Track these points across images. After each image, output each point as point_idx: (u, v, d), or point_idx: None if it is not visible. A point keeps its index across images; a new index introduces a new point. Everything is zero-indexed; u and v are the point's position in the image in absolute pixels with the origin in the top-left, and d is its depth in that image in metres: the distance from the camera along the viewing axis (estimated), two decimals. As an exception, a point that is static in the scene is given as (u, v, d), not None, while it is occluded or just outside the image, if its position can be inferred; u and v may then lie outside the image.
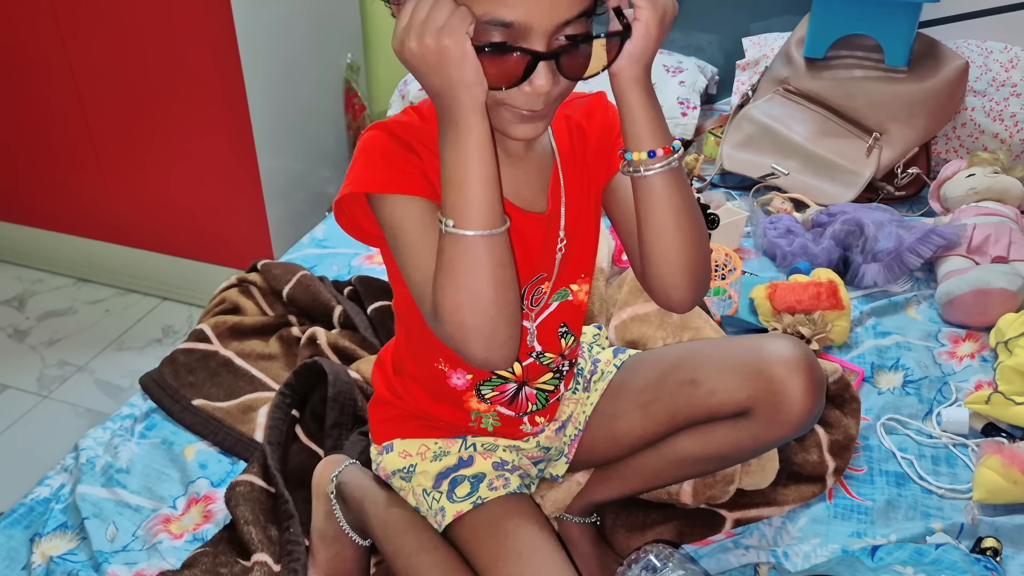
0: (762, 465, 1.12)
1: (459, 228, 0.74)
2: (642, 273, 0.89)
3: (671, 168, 0.81)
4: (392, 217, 0.81)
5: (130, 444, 1.23)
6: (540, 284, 0.93)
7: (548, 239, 0.91)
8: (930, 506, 1.16)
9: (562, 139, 0.92)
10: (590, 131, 0.93)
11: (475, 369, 0.94)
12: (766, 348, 0.93)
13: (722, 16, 2.22)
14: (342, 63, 2.36)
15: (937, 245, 1.56)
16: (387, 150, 0.82)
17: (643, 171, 0.80)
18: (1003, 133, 1.85)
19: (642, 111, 0.79)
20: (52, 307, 2.34)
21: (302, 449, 1.21)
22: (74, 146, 2.21)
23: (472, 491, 0.95)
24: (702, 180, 1.94)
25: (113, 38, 2.00)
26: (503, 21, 0.71)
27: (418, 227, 0.80)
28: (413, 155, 0.82)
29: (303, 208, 2.30)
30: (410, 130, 0.84)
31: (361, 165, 0.82)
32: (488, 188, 0.74)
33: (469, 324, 0.76)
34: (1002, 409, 1.24)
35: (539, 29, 0.72)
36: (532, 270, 0.91)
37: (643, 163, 0.80)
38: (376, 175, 0.81)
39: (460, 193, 0.74)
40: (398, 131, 0.83)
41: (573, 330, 0.99)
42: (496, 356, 0.78)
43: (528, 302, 0.93)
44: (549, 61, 0.73)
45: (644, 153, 0.79)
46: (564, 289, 0.96)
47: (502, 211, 0.76)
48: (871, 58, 1.90)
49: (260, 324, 1.42)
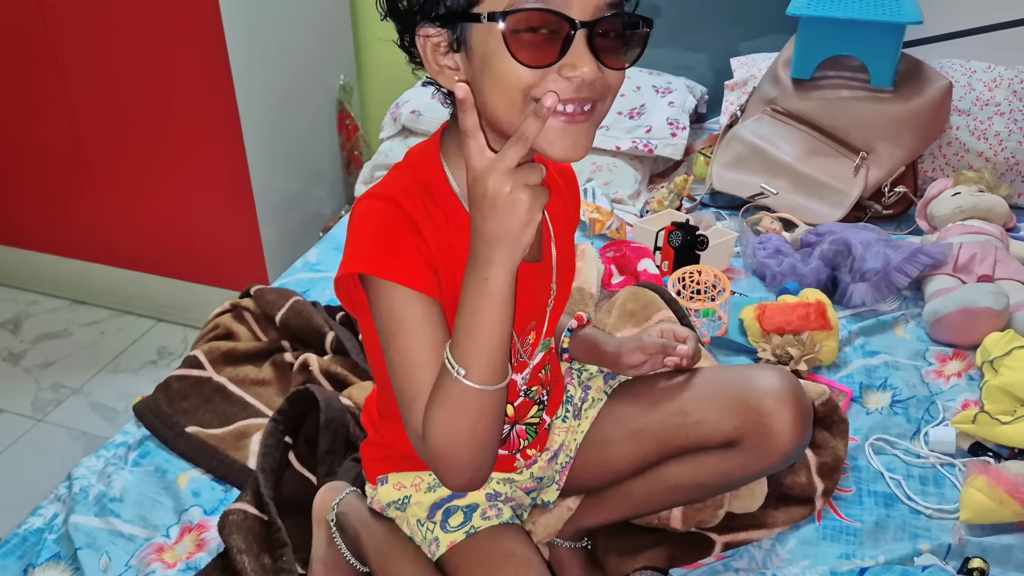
0: (751, 489, 1.13)
1: (468, 380, 0.74)
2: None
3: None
4: (390, 310, 0.78)
5: (123, 472, 1.23)
6: (529, 334, 0.94)
7: (540, 288, 0.92)
8: (918, 526, 1.17)
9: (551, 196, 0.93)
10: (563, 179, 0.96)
11: None
12: (754, 379, 0.95)
13: (711, 36, 2.25)
14: (335, 85, 2.38)
15: (924, 264, 1.58)
16: (392, 228, 0.78)
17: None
18: (988, 152, 1.87)
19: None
20: (47, 329, 2.35)
21: (295, 476, 1.22)
22: (69, 168, 2.23)
23: (465, 521, 0.96)
24: (692, 200, 1.96)
25: (107, 61, 2.02)
26: (539, 8, 0.70)
27: (417, 335, 0.77)
28: (418, 236, 0.79)
29: (297, 228, 2.31)
30: (411, 195, 0.80)
31: (364, 243, 0.79)
32: (501, 348, 0.74)
33: (457, 459, 0.78)
34: (988, 429, 1.25)
35: (578, 6, 0.70)
36: (525, 319, 0.91)
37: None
38: (379, 257, 0.78)
39: (475, 347, 0.74)
40: (401, 199, 0.79)
41: (552, 369, 1.01)
42: (475, 483, 0.81)
43: (519, 352, 0.93)
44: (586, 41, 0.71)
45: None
46: (548, 339, 0.98)
47: (508, 365, 0.77)
48: (857, 78, 1.92)
49: (253, 350, 1.43)
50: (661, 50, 2.28)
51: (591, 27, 0.72)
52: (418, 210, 0.80)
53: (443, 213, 0.82)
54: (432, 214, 0.81)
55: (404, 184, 0.82)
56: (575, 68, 0.72)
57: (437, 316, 0.79)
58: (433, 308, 0.79)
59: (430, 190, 0.82)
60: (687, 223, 1.65)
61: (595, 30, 0.72)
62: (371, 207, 0.80)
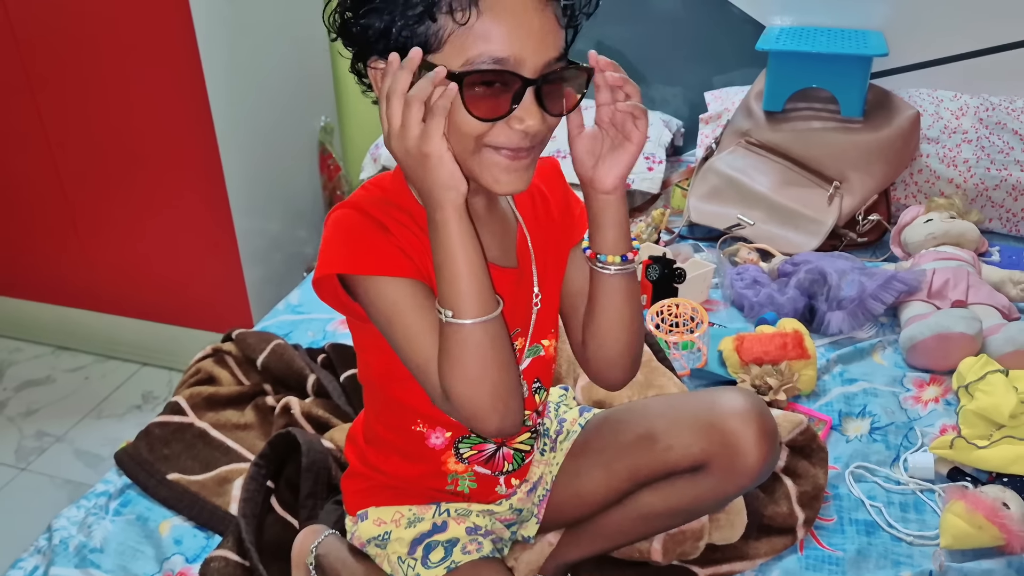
0: (731, 519, 1.14)
1: (457, 318, 0.78)
2: (583, 350, 0.95)
3: (633, 269, 0.89)
4: (380, 300, 0.83)
5: (104, 522, 1.23)
6: (515, 340, 0.95)
7: (521, 295, 0.94)
8: (900, 554, 1.17)
9: (523, 202, 0.95)
10: (551, 196, 0.97)
11: (454, 426, 0.97)
12: (718, 402, 0.97)
13: (686, 70, 2.29)
14: (316, 126, 2.41)
15: (898, 291, 1.60)
16: (363, 229, 0.83)
17: (612, 271, 0.88)
18: (957, 178, 1.91)
19: (620, 220, 0.87)
20: (30, 376, 2.34)
21: (277, 520, 1.22)
22: (51, 214, 2.23)
23: (446, 556, 0.96)
24: (670, 232, 1.98)
25: (88, 106, 2.04)
26: (496, 57, 0.75)
27: (412, 310, 0.82)
28: (386, 232, 0.84)
29: (281, 269, 2.32)
30: (377, 205, 0.86)
31: (339, 245, 0.83)
32: (475, 279, 0.78)
33: (480, 404, 0.80)
34: (965, 453, 1.27)
35: (529, 65, 0.76)
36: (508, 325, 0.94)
37: (614, 264, 0.88)
38: (357, 256, 0.83)
39: (452, 286, 0.78)
40: (368, 208, 0.85)
41: (545, 384, 1.02)
42: (507, 425, 0.83)
43: None
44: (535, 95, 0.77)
45: (618, 257, 0.87)
46: (536, 345, 0.99)
47: (493, 297, 0.80)
48: (828, 109, 1.97)
49: (235, 394, 1.43)
50: (637, 84, 2.32)
51: (539, 83, 0.77)
52: (383, 215, 0.85)
53: (410, 217, 0.87)
54: (398, 218, 0.86)
55: (370, 197, 0.88)
56: (523, 121, 0.77)
57: (425, 291, 0.83)
58: (419, 286, 0.83)
59: (398, 204, 0.87)
60: (664, 257, 1.67)
61: (542, 86, 0.77)
62: (340, 216, 0.85)
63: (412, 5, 0.75)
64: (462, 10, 0.73)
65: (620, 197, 0.86)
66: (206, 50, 1.90)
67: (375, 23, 0.77)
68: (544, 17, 0.76)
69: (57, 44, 1.98)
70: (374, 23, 0.77)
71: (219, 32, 1.94)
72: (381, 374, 0.94)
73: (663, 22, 2.24)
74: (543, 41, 0.76)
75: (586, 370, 0.97)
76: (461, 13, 0.73)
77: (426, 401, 0.91)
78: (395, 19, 0.76)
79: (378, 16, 0.77)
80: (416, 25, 0.75)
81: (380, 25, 0.77)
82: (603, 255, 0.87)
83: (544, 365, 1.00)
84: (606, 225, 0.87)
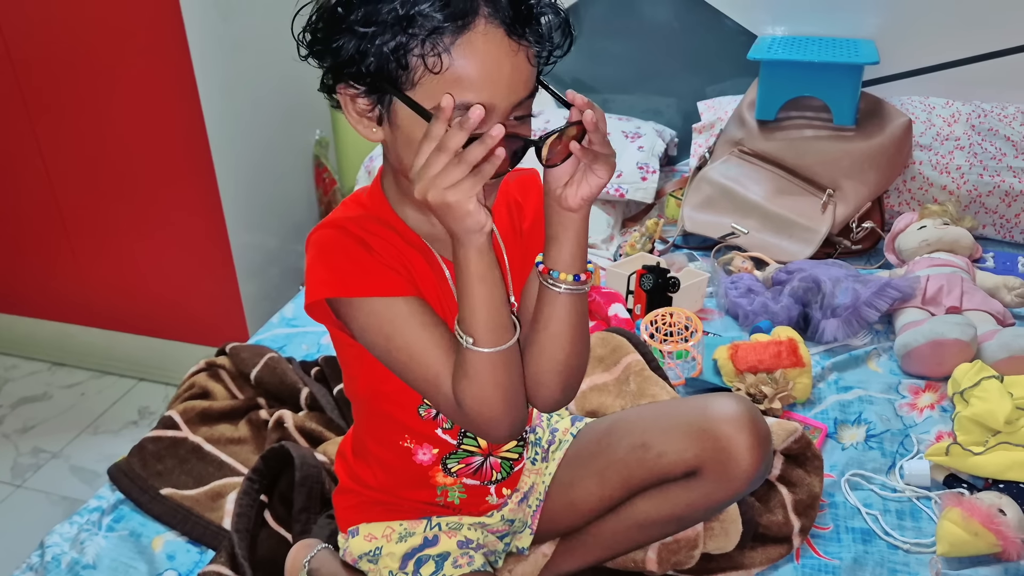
0: (725, 528, 1.13)
1: (477, 346, 0.80)
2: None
3: (584, 291, 0.87)
4: (375, 321, 0.83)
5: (97, 538, 1.22)
6: None
7: None
8: (896, 562, 1.17)
9: (500, 213, 0.95)
10: (526, 207, 0.97)
11: (441, 443, 0.97)
12: (711, 408, 0.97)
13: (679, 80, 2.30)
14: (311, 140, 2.42)
15: (892, 298, 1.60)
16: (348, 250, 0.83)
17: (562, 288, 0.86)
18: (951, 185, 1.91)
19: (579, 239, 0.85)
20: (26, 393, 2.33)
21: (271, 535, 1.21)
22: (46, 230, 2.24)
23: (437, 570, 0.96)
24: (664, 242, 1.98)
25: (83, 122, 2.04)
26: (468, 104, 0.74)
27: (412, 328, 0.83)
28: (370, 251, 0.84)
29: (277, 283, 2.32)
30: (358, 222, 0.86)
31: (325, 268, 0.83)
32: (495, 311, 0.80)
33: (492, 416, 0.83)
34: (961, 460, 1.26)
35: (500, 109, 0.76)
36: None
37: (565, 283, 0.86)
38: (346, 279, 0.82)
39: (473, 317, 0.80)
40: (348, 226, 0.85)
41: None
42: (516, 431, 0.87)
43: None
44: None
45: (571, 276, 0.85)
46: None
47: (511, 326, 0.82)
48: (820, 118, 1.97)
49: (229, 408, 1.43)
50: (630, 96, 2.33)
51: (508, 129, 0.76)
52: (363, 230, 0.85)
53: (393, 231, 0.87)
54: (380, 233, 0.86)
55: (350, 213, 0.88)
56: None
57: (419, 305, 0.84)
58: (414, 303, 0.84)
59: (378, 217, 0.87)
60: (658, 266, 1.67)
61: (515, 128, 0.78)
62: (321, 237, 0.85)
63: (384, 44, 0.74)
64: (435, 57, 0.73)
65: (583, 217, 0.84)
66: (200, 65, 1.91)
67: (346, 49, 0.76)
68: (516, 61, 0.76)
69: (52, 61, 1.99)
70: (345, 49, 0.76)
71: (213, 47, 1.94)
72: (367, 389, 0.94)
73: (656, 33, 2.25)
74: (513, 87, 0.77)
75: None
76: (434, 60, 0.74)
77: (413, 416, 0.91)
78: (367, 54, 0.75)
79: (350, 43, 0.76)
80: (388, 63, 0.75)
81: (350, 53, 0.76)
82: (556, 271, 0.85)
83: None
84: (564, 241, 0.84)
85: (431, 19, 0.73)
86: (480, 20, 0.74)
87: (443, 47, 0.73)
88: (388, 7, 0.74)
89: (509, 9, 0.75)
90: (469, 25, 0.73)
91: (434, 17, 0.73)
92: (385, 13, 0.74)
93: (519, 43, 0.76)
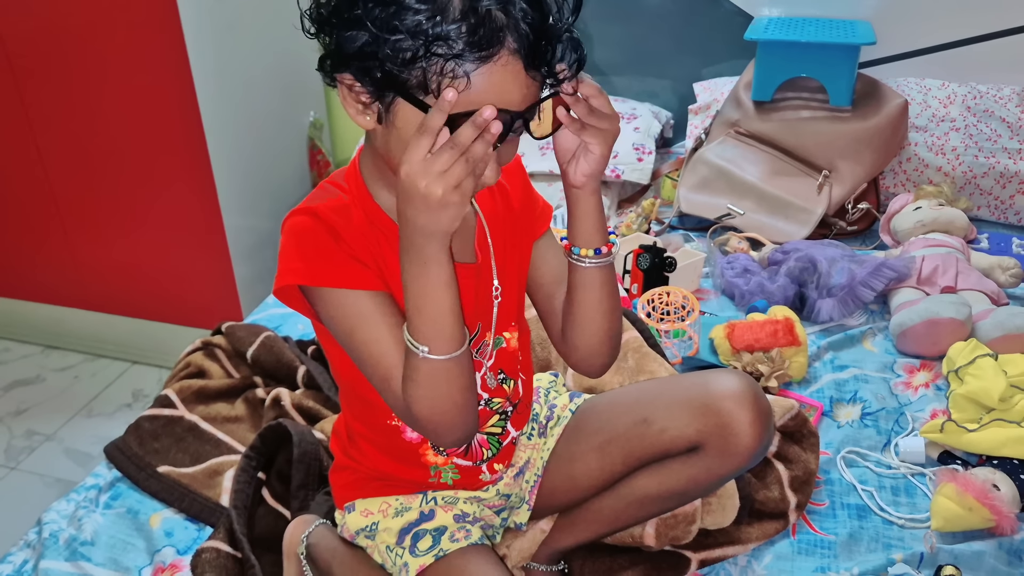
0: (722, 504, 1.14)
1: (433, 354, 0.79)
2: (563, 339, 0.97)
3: (608, 262, 0.90)
4: (340, 312, 0.83)
5: (95, 515, 1.22)
6: (484, 335, 0.95)
7: (481, 289, 0.93)
8: (891, 536, 1.18)
9: (483, 196, 0.94)
10: (512, 190, 0.97)
11: None
12: (712, 383, 0.97)
13: (675, 62, 2.29)
14: (306, 122, 2.40)
15: (888, 278, 1.61)
16: (320, 239, 0.83)
17: (587, 263, 0.89)
18: (946, 166, 1.91)
19: (594, 214, 0.88)
20: (19, 376, 2.32)
21: (269, 512, 1.21)
22: (38, 212, 2.22)
23: (434, 544, 0.96)
24: (660, 223, 1.98)
25: (75, 103, 2.03)
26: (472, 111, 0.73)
27: (374, 324, 0.82)
28: (341, 242, 0.83)
29: (271, 266, 2.28)
30: (337, 212, 0.85)
31: (296, 255, 0.83)
32: (456, 316, 0.79)
33: (442, 422, 0.83)
34: (955, 437, 1.27)
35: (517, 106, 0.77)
36: (471, 321, 0.93)
37: (589, 257, 0.89)
38: (315, 268, 0.82)
39: (433, 324, 0.78)
40: (325, 215, 0.84)
41: (510, 375, 1.01)
42: (464, 438, 0.87)
43: (475, 353, 0.95)
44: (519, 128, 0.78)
45: (591, 250, 0.89)
46: (499, 337, 0.98)
47: (463, 330, 0.81)
48: (816, 99, 1.97)
49: (226, 387, 1.43)
50: (625, 77, 2.33)
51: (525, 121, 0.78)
52: (337, 218, 0.84)
53: (366, 218, 0.86)
54: (353, 221, 0.85)
55: (325, 197, 0.87)
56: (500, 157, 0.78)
57: (384, 302, 0.84)
58: (377, 297, 0.83)
59: (354, 203, 0.86)
60: (655, 245, 1.67)
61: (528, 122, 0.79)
62: (295, 223, 0.85)
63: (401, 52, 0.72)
64: (451, 78, 0.72)
65: (590, 192, 0.86)
66: (194, 47, 1.89)
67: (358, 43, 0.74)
68: (529, 90, 0.76)
69: (43, 42, 1.96)
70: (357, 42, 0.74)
71: (207, 28, 1.93)
72: (350, 373, 0.93)
73: (652, 14, 2.24)
74: (524, 104, 0.76)
75: (568, 358, 0.98)
76: (449, 80, 0.72)
77: None
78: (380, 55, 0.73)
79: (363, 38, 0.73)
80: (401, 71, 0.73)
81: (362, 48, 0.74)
82: (576, 248, 0.89)
83: (509, 357, 1.00)
84: (577, 217, 0.88)
85: (455, 44, 0.72)
86: (504, 53, 0.73)
87: (462, 72, 0.72)
88: (412, 18, 0.71)
89: (533, 44, 0.74)
90: (492, 57, 0.73)
91: (458, 43, 0.72)
92: (409, 22, 0.72)
93: (535, 76, 0.76)
